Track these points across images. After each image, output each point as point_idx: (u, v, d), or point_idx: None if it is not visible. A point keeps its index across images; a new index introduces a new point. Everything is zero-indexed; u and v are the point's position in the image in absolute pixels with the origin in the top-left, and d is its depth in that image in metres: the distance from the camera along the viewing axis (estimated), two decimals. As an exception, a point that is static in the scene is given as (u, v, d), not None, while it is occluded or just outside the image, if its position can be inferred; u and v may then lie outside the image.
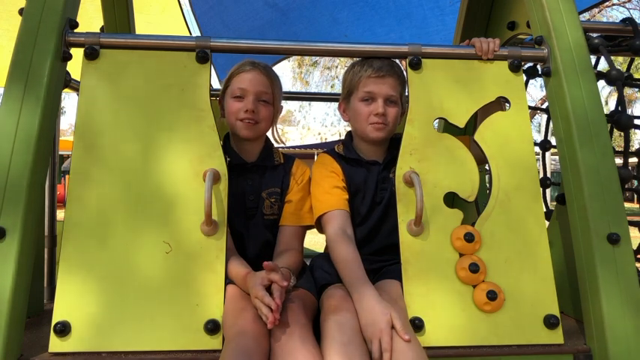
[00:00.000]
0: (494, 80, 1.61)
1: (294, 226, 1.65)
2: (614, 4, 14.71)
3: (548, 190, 2.51)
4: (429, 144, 1.55)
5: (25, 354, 1.30)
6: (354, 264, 1.44)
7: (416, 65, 1.59)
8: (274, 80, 1.69)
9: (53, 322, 1.31)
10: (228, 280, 1.43)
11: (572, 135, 1.51)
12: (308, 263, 1.71)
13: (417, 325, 1.38)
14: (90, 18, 2.84)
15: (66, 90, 1.66)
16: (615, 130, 1.76)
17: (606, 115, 1.62)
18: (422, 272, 1.44)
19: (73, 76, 1.59)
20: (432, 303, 1.41)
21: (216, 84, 3.36)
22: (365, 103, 1.63)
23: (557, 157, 2.34)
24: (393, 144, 1.70)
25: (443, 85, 1.59)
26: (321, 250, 1.76)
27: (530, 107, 2.00)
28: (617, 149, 1.67)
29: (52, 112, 1.42)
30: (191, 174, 1.46)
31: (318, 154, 1.89)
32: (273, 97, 1.67)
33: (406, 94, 1.63)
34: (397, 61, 1.74)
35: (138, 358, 1.30)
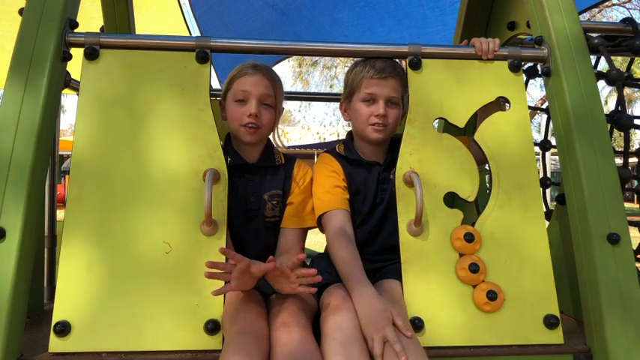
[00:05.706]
0: (495, 80, 1.61)
1: (296, 228, 1.64)
2: (614, 4, 14.72)
3: (548, 190, 2.50)
4: (429, 144, 1.55)
5: (25, 354, 1.30)
6: (353, 263, 1.43)
7: (416, 65, 1.59)
8: (276, 83, 1.67)
9: (53, 322, 1.31)
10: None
11: (572, 135, 1.51)
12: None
13: (417, 325, 1.38)
14: (90, 18, 2.84)
15: (66, 90, 1.66)
16: (615, 130, 1.76)
17: (606, 115, 1.62)
18: (422, 272, 1.44)
19: (73, 76, 1.59)
20: (431, 303, 1.41)
21: (216, 84, 3.36)
22: (366, 104, 1.63)
23: (557, 157, 2.34)
24: (393, 145, 1.70)
25: (443, 85, 1.59)
26: (321, 250, 1.76)
27: (530, 107, 2.00)
28: (617, 149, 1.67)
29: (52, 112, 1.42)
30: (191, 174, 1.46)
31: (317, 154, 1.89)
32: (275, 100, 1.66)
33: (407, 94, 1.64)
34: (398, 61, 1.74)
35: (138, 358, 1.30)
